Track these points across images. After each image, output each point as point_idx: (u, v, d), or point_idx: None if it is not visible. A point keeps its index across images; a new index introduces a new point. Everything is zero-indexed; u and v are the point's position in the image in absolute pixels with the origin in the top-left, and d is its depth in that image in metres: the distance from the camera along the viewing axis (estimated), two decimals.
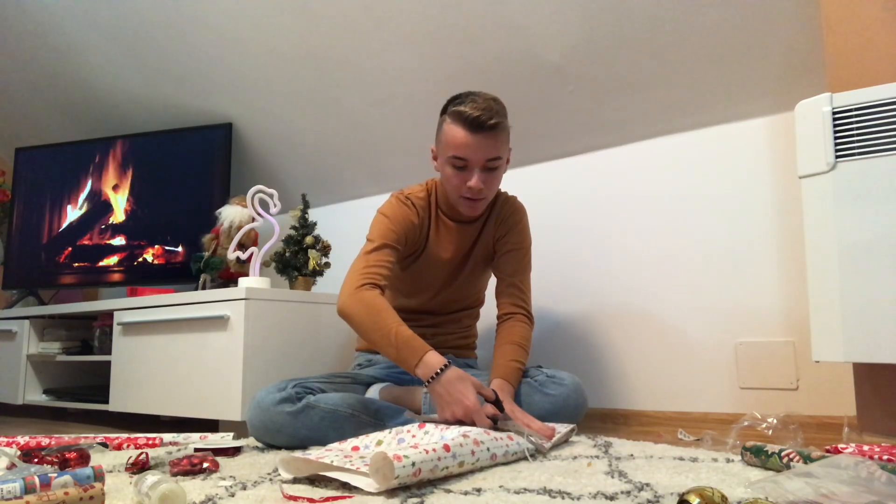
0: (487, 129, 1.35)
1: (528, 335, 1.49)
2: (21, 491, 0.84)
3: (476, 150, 1.36)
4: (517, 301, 1.52)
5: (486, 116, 1.34)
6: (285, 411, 1.33)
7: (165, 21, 2.28)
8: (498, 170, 1.43)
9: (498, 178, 1.45)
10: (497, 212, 1.58)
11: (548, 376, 1.42)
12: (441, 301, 1.62)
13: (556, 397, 1.39)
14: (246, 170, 2.56)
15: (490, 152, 1.37)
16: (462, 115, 1.35)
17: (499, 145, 1.38)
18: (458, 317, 1.66)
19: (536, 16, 1.74)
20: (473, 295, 1.67)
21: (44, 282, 2.67)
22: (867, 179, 1.17)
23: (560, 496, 0.88)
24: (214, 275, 2.12)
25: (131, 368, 1.94)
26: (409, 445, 1.08)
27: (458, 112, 1.36)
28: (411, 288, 1.61)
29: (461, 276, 1.60)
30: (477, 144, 1.36)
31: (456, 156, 1.38)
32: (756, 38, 1.56)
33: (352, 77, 2.11)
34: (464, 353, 1.66)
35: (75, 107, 2.83)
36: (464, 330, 1.68)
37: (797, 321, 1.56)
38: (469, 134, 1.35)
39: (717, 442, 1.27)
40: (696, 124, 1.75)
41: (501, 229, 1.57)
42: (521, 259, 1.55)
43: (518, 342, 1.45)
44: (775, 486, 0.79)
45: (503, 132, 1.39)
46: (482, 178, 1.39)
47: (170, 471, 1.08)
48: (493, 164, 1.40)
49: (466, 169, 1.39)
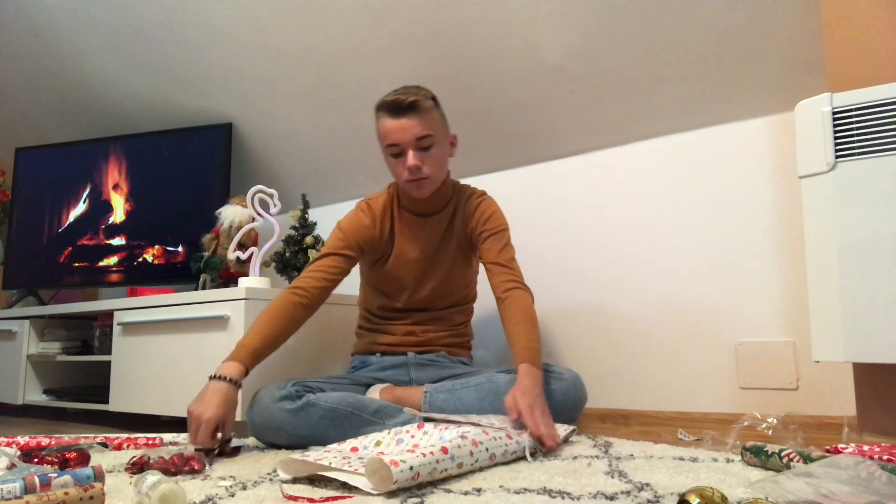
0: (407, 110, 1.43)
1: (532, 306, 1.46)
2: (21, 491, 0.84)
3: (402, 132, 1.44)
4: (510, 276, 1.49)
5: (402, 98, 1.43)
6: (285, 409, 1.33)
7: (165, 21, 2.28)
8: (432, 148, 1.48)
9: (435, 157, 1.49)
10: (463, 206, 1.60)
11: (547, 371, 1.43)
12: (424, 298, 1.62)
13: (555, 392, 1.40)
14: (246, 170, 2.56)
15: (416, 131, 1.44)
16: (384, 105, 1.46)
17: (424, 123, 1.45)
18: (446, 314, 1.66)
19: (536, 16, 1.74)
20: (459, 291, 1.67)
21: (44, 282, 2.67)
22: (867, 179, 1.18)
23: (560, 496, 0.88)
24: (214, 275, 2.12)
25: (131, 368, 1.94)
26: (406, 448, 1.08)
27: (379, 104, 1.47)
28: (391, 288, 1.63)
29: (437, 272, 1.61)
30: (401, 126, 1.44)
31: (388, 143, 1.46)
32: (756, 38, 1.56)
33: (352, 77, 2.11)
34: (457, 351, 1.66)
35: (75, 107, 2.83)
36: (455, 328, 1.68)
37: (797, 321, 1.56)
38: (392, 119, 1.44)
39: (717, 442, 1.27)
40: (696, 124, 1.75)
41: (473, 222, 1.58)
42: (501, 240, 1.54)
43: (529, 318, 1.42)
44: (775, 486, 0.79)
45: (427, 112, 1.45)
46: (418, 157, 1.45)
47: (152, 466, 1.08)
48: (425, 142, 1.46)
49: (402, 154, 1.46)
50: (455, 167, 2.19)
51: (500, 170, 2.09)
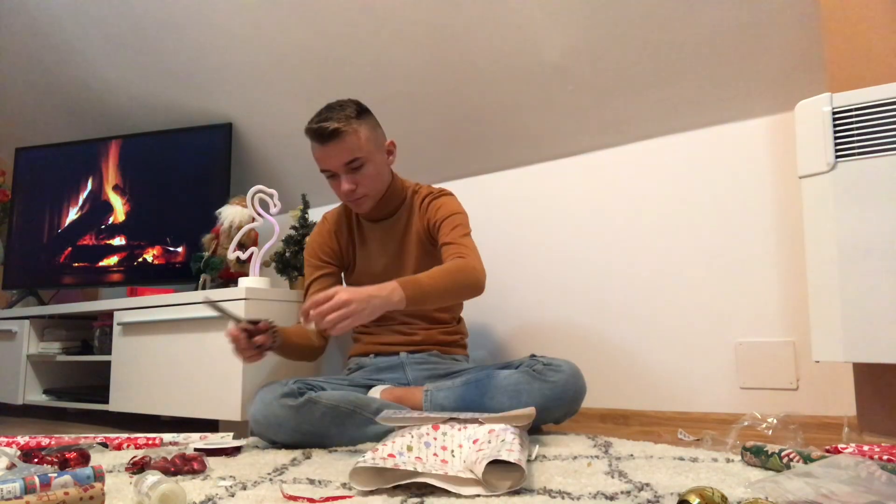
0: (329, 137, 1.42)
1: (461, 265, 1.37)
2: (21, 491, 0.84)
3: (330, 159, 1.45)
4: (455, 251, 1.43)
5: (323, 127, 1.41)
6: (287, 405, 1.34)
7: (166, 21, 2.28)
8: (363, 167, 1.46)
9: (369, 176, 1.48)
10: (416, 205, 1.61)
11: (545, 364, 1.43)
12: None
13: (555, 384, 1.40)
14: (246, 170, 2.56)
15: (343, 157, 1.44)
16: (308, 131, 1.45)
17: (350, 148, 1.43)
18: (429, 312, 1.64)
19: (536, 16, 1.74)
20: None
21: (44, 282, 2.67)
22: (867, 179, 1.18)
23: (560, 496, 0.88)
24: (214, 275, 2.12)
25: (131, 368, 1.94)
26: (433, 452, 1.06)
27: (306, 129, 1.46)
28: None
29: (405, 272, 1.58)
30: (327, 154, 1.44)
31: (321, 169, 1.49)
32: (756, 38, 1.56)
33: (352, 77, 2.11)
34: (449, 349, 1.66)
35: (75, 107, 2.83)
36: (443, 325, 1.67)
37: (797, 321, 1.56)
38: (319, 147, 1.45)
39: (717, 442, 1.27)
40: (695, 124, 1.75)
41: (427, 216, 1.58)
42: (453, 223, 1.51)
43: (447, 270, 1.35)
44: (775, 486, 0.79)
45: (351, 135, 1.43)
46: (350, 179, 1.46)
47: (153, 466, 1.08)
48: (354, 164, 1.45)
49: (335, 177, 1.48)
50: (454, 167, 2.20)
51: (500, 170, 2.09)
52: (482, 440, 1.05)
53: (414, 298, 1.24)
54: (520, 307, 1.99)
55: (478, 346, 1.99)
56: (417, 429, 1.11)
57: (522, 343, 1.97)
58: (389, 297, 1.20)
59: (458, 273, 1.36)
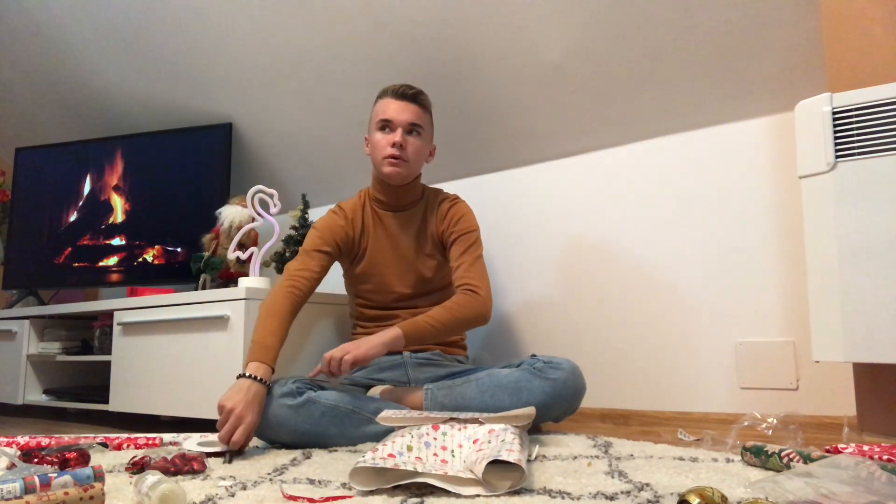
0: (410, 98, 1.58)
1: (466, 309, 1.49)
2: (21, 491, 0.84)
3: (399, 112, 1.57)
4: (465, 278, 1.53)
5: (409, 86, 1.59)
6: (287, 405, 1.34)
7: (165, 21, 2.28)
8: (419, 138, 1.59)
9: (417, 147, 1.59)
10: (435, 207, 1.67)
11: (545, 362, 1.44)
12: (407, 296, 1.64)
13: (555, 381, 1.40)
14: (246, 170, 2.56)
15: (412, 117, 1.58)
16: (390, 88, 1.60)
17: (421, 115, 1.60)
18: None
19: (536, 16, 1.74)
20: (441, 289, 1.67)
21: (44, 282, 2.67)
22: (867, 179, 1.18)
23: (560, 496, 0.89)
24: (214, 275, 2.12)
25: (131, 368, 1.94)
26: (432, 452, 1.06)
27: (385, 88, 1.61)
28: (373, 286, 1.66)
29: (414, 268, 1.64)
30: (400, 108, 1.58)
31: (383, 119, 1.58)
32: (756, 38, 1.56)
33: (352, 77, 2.12)
34: (451, 350, 1.66)
35: (75, 107, 2.83)
36: None
37: (797, 321, 1.56)
38: (394, 100, 1.58)
39: (717, 442, 1.27)
40: (696, 124, 1.75)
41: (444, 224, 1.64)
42: (468, 241, 1.60)
43: (449, 308, 1.48)
44: (775, 486, 0.79)
45: (426, 108, 1.62)
46: (403, 139, 1.57)
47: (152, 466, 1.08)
48: (415, 129, 1.58)
49: (391, 130, 1.57)
50: (455, 167, 2.20)
51: (500, 169, 2.09)
52: (482, 440, 1.05)
53: (415, 341, 1.44)
54: (520, 307, 1.99)
55: (478, 346, 1.99)
56: (417, 429, 1.11)
57: (523, 343, 1.97)
58: (383, 340, 1.39)
59: (461, 310, 1.48)
